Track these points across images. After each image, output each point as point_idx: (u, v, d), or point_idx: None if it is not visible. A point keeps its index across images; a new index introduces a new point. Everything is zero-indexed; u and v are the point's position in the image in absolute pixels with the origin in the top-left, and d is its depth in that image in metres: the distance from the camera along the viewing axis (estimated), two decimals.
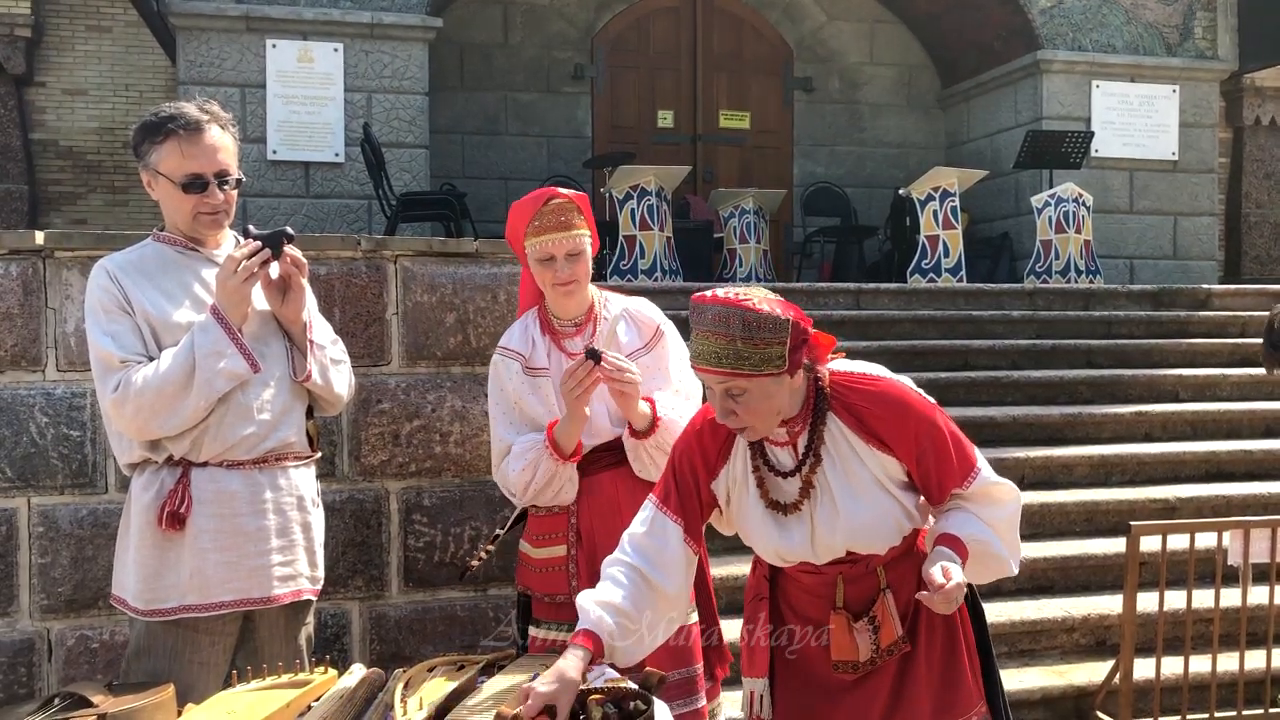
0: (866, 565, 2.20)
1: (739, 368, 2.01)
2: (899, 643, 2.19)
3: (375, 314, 3.46)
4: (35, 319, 3.18)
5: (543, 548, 2.72)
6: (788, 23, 10.67)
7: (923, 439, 2.11)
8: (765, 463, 2.19)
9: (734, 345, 2.00)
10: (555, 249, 2.62)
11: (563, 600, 2.67)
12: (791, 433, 2.15)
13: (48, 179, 9.50)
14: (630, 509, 2.63)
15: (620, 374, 2.52)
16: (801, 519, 2.15)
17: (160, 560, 2.40)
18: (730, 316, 2.01)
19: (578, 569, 2.67)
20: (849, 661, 2.19)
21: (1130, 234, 9.73)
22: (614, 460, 2.69)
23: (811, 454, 2.13)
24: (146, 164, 2.44)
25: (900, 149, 10.82)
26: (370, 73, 8.44)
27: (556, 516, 2.71)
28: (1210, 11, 9.83)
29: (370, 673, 2.09)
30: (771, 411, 2.08)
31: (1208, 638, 4.09)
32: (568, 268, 2.62)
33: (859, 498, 2.13)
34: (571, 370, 2.52)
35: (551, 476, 2.61)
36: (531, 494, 2.65)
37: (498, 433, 2.73)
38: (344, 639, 3.43)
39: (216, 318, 2.38)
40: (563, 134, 10.09)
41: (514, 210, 2.71)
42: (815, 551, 2.16)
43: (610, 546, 2.63)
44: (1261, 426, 6.36)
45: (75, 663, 3.20)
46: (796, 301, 2.17)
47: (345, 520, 3.41)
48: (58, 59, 9.51)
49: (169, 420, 2.33)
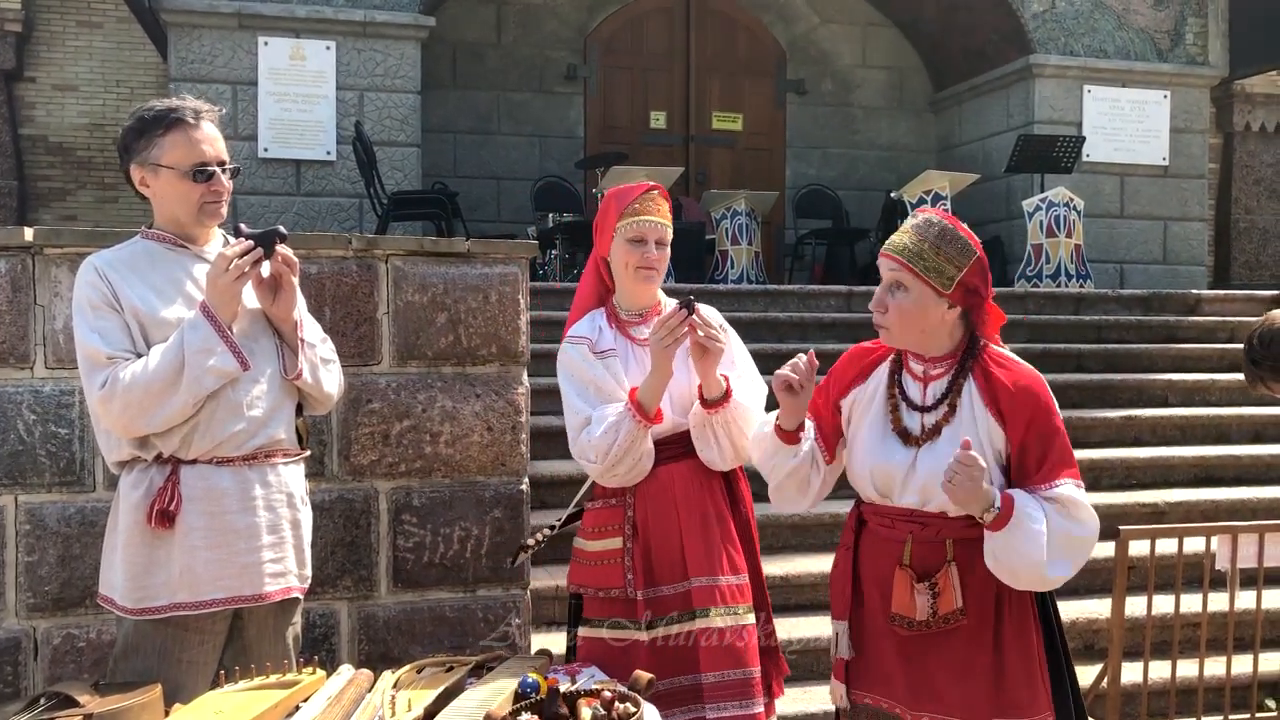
0: (936, 532, 2.30)
1: (913, 263, 2.26)
2: (956, 614, 2.27)
3: (366, 313, 3.45)
4: (24, 316, 3.16)
5: (598, 540, 2.73)
6: (781, 25, 10.68)
7: (1035, 426, 2.26)
8: (901, 392, 2.37)
9: (921, 245, 2.27)
10: (649, 232, 2.71)
11: (616, 594, 2.66)
12: (929, 373, 2.34)
13: (37, 175, 9.46)
14: (686, 506, 2.69)
15: (709, 329, 2.58)
16: (909, 451, 2.31)
17: (149, 558, 2.39)
18: (934, 224, 2.30)
19: (633, 562, 2.66)
20: (905, 617, 2.30)
21: (1121, 239, 9.76)
22: (675, 454, 2.70)
23: (948, 404, 2.31)
24: (145, 160, 2.43)
25: (892, 152, 10.84)
26: (362, 71, 8.42)
27: (613, 509, 2.72)
28: (1201, 18, 9.87)
29: (359, 673, 2.09)
30: (916, 325, 2.29)
31: (1195, 642, 4.10)
32: (656, 251, 2.73)
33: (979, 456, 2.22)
34: (664, 319, 2.56)
35: (633, 440, 2.60)
36: (611, 460, 2.61)
37: (574, 406, 2.72)
38: (332, 639, 3.42)
39: (206, 315, 2.37)
40: (555, 134, 10.09)
41: (613, 194, 2.81)
42: (903, 484, 2.31)
43: (665, 540, 2.67)
44: (1250, 431, 6.38)
45: (61, 662, 3.18)
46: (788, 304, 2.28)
47: (334, 520, 3.40)
48: (48, 54, 9.47)
49: (156, 417, 2.32)
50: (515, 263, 3.59)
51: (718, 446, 2.66)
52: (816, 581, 4.64)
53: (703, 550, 2.66)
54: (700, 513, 2.69)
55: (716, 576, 2.65)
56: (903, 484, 2.32)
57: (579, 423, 2.70)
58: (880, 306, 2.30)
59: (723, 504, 2.73)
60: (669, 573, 2.66)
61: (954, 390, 2.31)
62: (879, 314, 2.31)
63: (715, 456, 2.67)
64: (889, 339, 2.35)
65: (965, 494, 2.15)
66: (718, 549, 2.67)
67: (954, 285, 2.26)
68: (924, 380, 2.35)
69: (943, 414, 2.31)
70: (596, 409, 2.67)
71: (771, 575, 4.54)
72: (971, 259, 2.28)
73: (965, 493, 2.15)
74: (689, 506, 2.68)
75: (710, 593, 2.63)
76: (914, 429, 2.33)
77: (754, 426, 2.65)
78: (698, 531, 2.67)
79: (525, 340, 3.60)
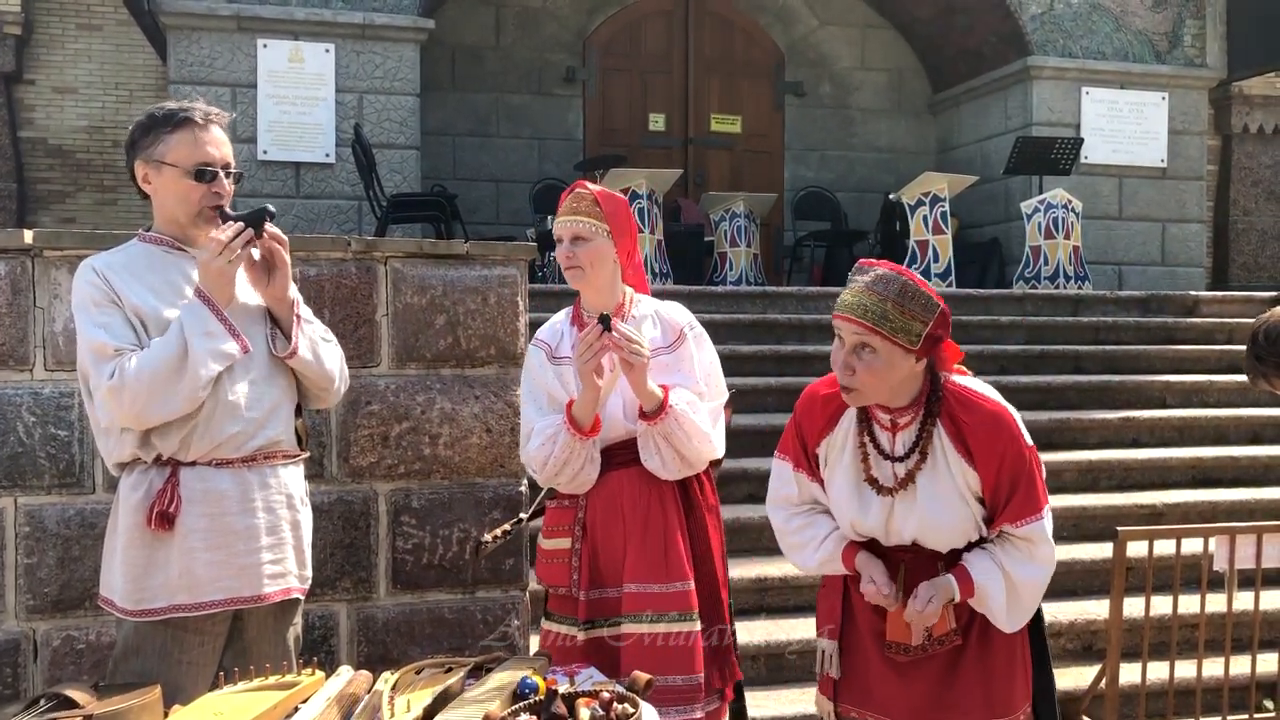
0: (930, 560, 2.34)
1: (880, 325, 2.18)
2: (951, 635, 2.32)
3: (365, 315, 3.46)
4: (23, 318, 3.17)
5: (552, 539, 2.80)
6: (779, 27, 10.69)
7: (1006, 465, 2.26)
8: (872, 441, 2.35)
9: (884, 305, 2.19)
10: (562, 231, 2.76)
11: (564, 593, 2.74)
12: (896, 423, 2.32)
13: (37, 177, 9.47)
14: (634, 510, 2.71)
15: (629, 344, 2.58)
16: (885, 502, 2.32)
17: (149, 560, 2.39)
18: (892, 280, 2.21)
19: (579, 563, 2.72)
20: (901, 644, 2.33)
21: (1119, 240, 9.77)
22: (625, 459, 2.73)
23: (918, 451, 2.29)
24: (149, 156, 2.44)
25: (891, 154, 10.85)
26: (361, 73, 8.43)
27: (566, 510, 2.78)
28: (1199, 20, 9.89)
29: (358, 674, 2.09)
30: (885, 383, 2.24)
31: (1193, 643, 4.11)
32: (570, 249, 2.74)
33: (940, 500, 2.29)
34: (583, 336, 2.60)
35: (570, 453, 2.65)
36: (551, 470, 2.69)
37: (526, 415, 2.83)
38: (331, 640, 3.42)
39: (203, 299, 2.38)
40: (554, 136, 10.10)
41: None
42: (886, 533, 2.34)
43: (610, 544, 2.71)
44: (1248, 432, 6.39)
45: (61, 664, 3.18)
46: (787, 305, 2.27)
47: (334, 521, 3.40)
48: (48, 57, 9.48)
49: (167, 404, 2.32)
50: (514, 265, 3.59)
51: (660, 456, 2.68)
52: (815, 583, 4.63)
53: (640, 556, 2.69)
54: (644, 519, 2.71)
55: (648, 584, 2.67)
56: (886, 533, 2.35)
57: (526, 431, 2.80)
58: (848, 370, 2.23)
59: (672, 511, 2.74)
60: (612, 576, 2.72)
61: (924, 437, 2.30)
62: (846, 376, 2.24)
63: (659, 465, 2.70)
64: (858, 400, 2.29)
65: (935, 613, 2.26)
66: (655, 556, 2.69)
67: (920, 340, 2.22)
68: (892, 430, 2.33)
69: (914, 462, 2.30)
70: (540, 420, 2.74)
71: (771, 577, 4.56)
72: (935, 313, 2.23)
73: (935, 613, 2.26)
74: (635, 512, 2.72)
75: (639, 599, 2.66)
76: (886, 480, 2.33)
77: (700, 433, 2.68)
78: (638, 538, 2.70)
79: (524, 342, 3.60)
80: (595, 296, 2.80)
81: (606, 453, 2.73)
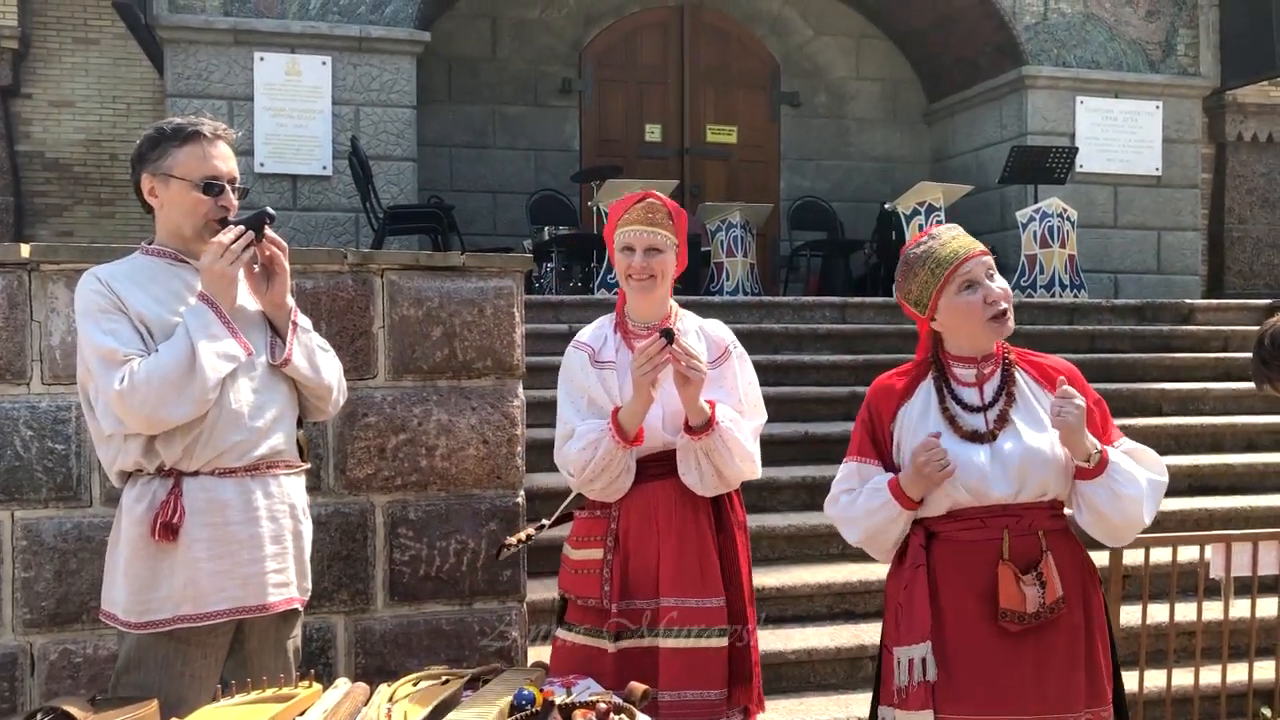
0: (1030, 524, 2.37)
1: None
2: (1059, 603, 2.33)
3: (362, 327, 3.46)
4: (20, 332, 3.17)
5: (581, 549, 2.78)
6: (774, 37, 10.73)
7: (1087, 394, 2.40)
8: (955, 399, 2.43)
9: None
10: (635, 240, 2.74)
11: (593, 604, 2.71)
12: (981, 373, 2.44)
13: (34, 191, 9.47)
14: (668, 523, 2.71)
15: (689, 359, 2.59)
16: (984, 449, 2.37)
17: (153, 572, 2.39)
18: None
19: (611, 574, 2.70)
20: (1016, 612, 2.31)
21: (1114, 249, 9.79)
22: (661, 471, 2.73)
23: (1005, 393, 2.42)
24: (157, 169, 2.46)
25: (886, 163, 10.87)
26: (358, 86, 8.45)
27: (598, 520, 2.76)
28: (1193, 29, 9.93)
29: (355, 686, 2.09)
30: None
31: (1190, 651, 4.11)
32: (644, 260, 2.74)
33: (1036, 434, 2.37)
34: (644, 348, 2.60)
35: (610, 460, 2.65)
36: (589, 476, 2.68)
37: (563, 416, 2.79)
38: (329, 653, 3.42)
39: (206, 302, 2.40)
40: (550, 147, 10.12)
41: (613, 206, 2.87)
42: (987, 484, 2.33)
43: (643, 556, 2.70)
44: (1244, 440, 6.40)
45: (58, 677, 3.18)
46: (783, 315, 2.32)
47: (331, 533, 3.40)
48: (45, 71, 9.50)
49: (177, 407, 2.32)
50: (510, 276, 3.60)
51: (699, 471, 2.67)
52: (812, 593, 4.65)
53: (676, 571, 2.68)
54: (679, 533, 2.70)
55: (685, 599, 2.67)
56: (994, 478, 2.35)
57: (564, 432, 2.76)
58: (1007, 296, 2.41)
59: (706, 526, 2.73)
60: (644, 589, 2.70)
61: (1008, 380, 2.43)
62: (1006, 302, 2.39)
63: (696, 480, 2.69)
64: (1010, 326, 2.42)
65: (1075, 426, 2.29)
66: (692, 571, 2.68)
67: None
68: (978, 383, 2.44)
69: (1004, 403, 2.40)
70: (582, 422, 2.72)
71: (768, 587, 4.56)
72: None
73: (1074, 426, 2.29)
74: (669, 526, 2.70)
75: (676, 614, 2.65)
76: (980, 428, 2.39)
77: (744, 451, 2.68)
78: (674, 552, 2.69)
79: (520, 353, 3.61)
80: (650, 308, 2.80)
81: (642, 464, 2.72)
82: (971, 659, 2.34)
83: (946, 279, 2.40)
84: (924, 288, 2.43)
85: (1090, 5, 9.74)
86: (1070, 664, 2.34)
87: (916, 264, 2.45)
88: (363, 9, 8.43)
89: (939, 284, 2.40)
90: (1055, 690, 2.32)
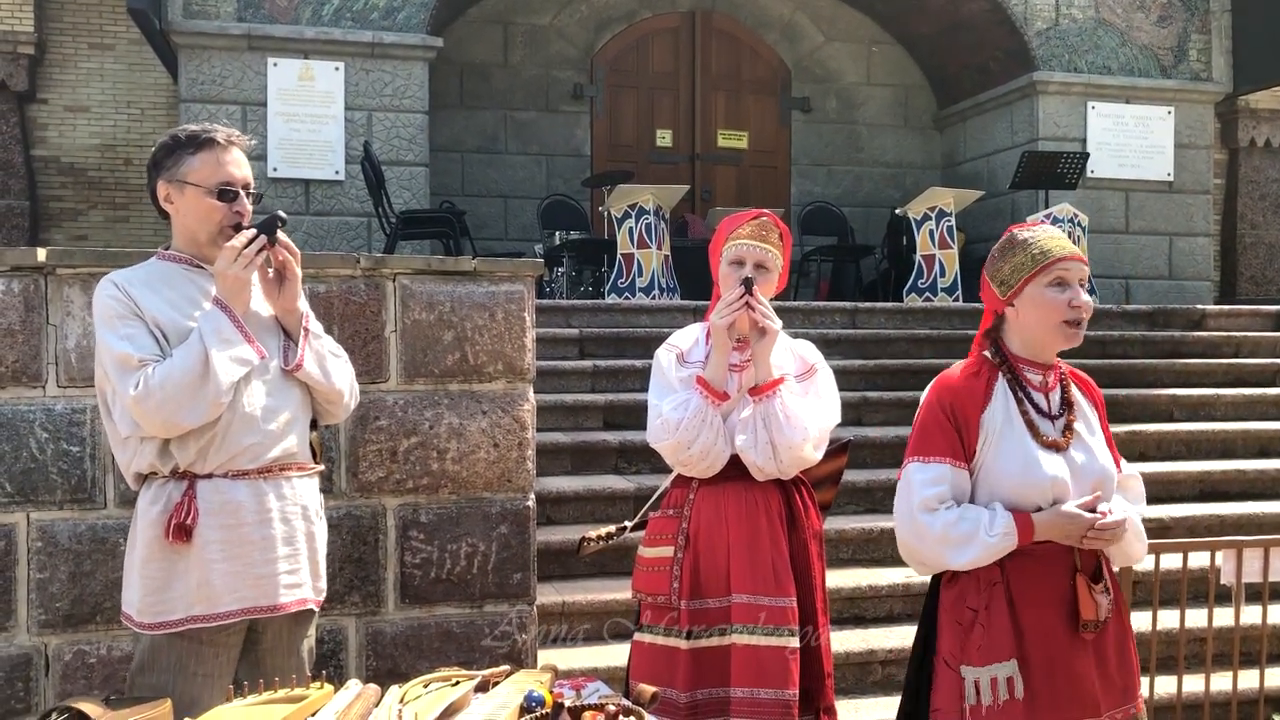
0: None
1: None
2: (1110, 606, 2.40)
3: (373, 331, 3.49)
4: (36, 335, 3.20)
5: (654, 547, 2.84)
6: (786, 43, 10.74)
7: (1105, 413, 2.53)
8: (1031, 404, 2.43)
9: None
10: (747, 254, 2.84)
11: (663, 601, 2.76)
12: (1047, 382, 2.46)
13: (49, 195, 9.53)
14: (738, 522, 2.76)
15: (764, 311, 2.73)
16: (1062, 458, 2.40)
17: (168, 573, 2.42)
18: None
19: (681, 571, 2.76)
20: (1094, 621, 2.36)
21: (1126, 254, 9.77)
22: (732, 473, 2.78)
23: (1066, 402, 2.46)
24: (173, 176, 2.48)
25: (897, 169, 10.87)
26: (371, 91, 8.49)
27: (670, 519, 2.83)
28: (1204, 34, 9.91)
29: (366, 688, 2.11)
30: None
31: (1201, 657, 4.10)
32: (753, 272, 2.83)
33: (1098, 444, 2.46)
34: (725, 296, 2.77)
35: (703, 419, 2.70)
36: (684, 438, 2.71)
37: (654, 402, 2.86)
38: (340, 655, 3.44)
39: (220, 307, 2.42)
40: (562, 153, 10.15)
41: (725, 220, 2.98)
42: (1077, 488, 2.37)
43: (713, 553, 2.75)
44: (1255, 446, 6.38)
45: (72, 678, 3.21)
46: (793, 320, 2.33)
47: (342, 536, 3.42)
48: (60, 76, 9.56)
49: (193, 411, 2.35)
50: (521, 281, 3.62)
51: (753, 434, 2.70)
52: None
53: (748, 568, 2.71)
54: (751, 530, 2.74)
55: (758, 596, 2.70)
56: (1075, 490, 2.38)
57: (654, 416, 2.83)
58: (1089, 309, 2.41)
59: (778, 524, 2.77)
60: (714, 586, 2.74)
61: (1067, 390, 2.47)
62: (1086, 314, 2.40)
63: (750, 444, 2.70)
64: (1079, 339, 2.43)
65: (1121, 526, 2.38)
66: (764, 569, 2.71)
67: None
68: (1044, 389, 2.46)
69: (1070, 412, 2.45)
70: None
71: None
72: None
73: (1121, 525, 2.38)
74: (740, 523, 2.75)
75: (749, 611, 2.69)
76: (1057, 436, 2.42)
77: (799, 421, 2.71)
78: (745, 549, 2.72)
79: (531, 357, 3.63)
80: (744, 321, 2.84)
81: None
82: (1057, 670, 2.34)
83: (1043, 268, 2.37)
84: (1017, 270, 2.40)
85: (1102, 11, 9.73)
86: (1120, 660, 2.43)
87: (1020, 246, 2.43)
88: (375, 15, 8.47)
89: (1033, 270, 2.38)
90: (1115, 686, 2.40)
